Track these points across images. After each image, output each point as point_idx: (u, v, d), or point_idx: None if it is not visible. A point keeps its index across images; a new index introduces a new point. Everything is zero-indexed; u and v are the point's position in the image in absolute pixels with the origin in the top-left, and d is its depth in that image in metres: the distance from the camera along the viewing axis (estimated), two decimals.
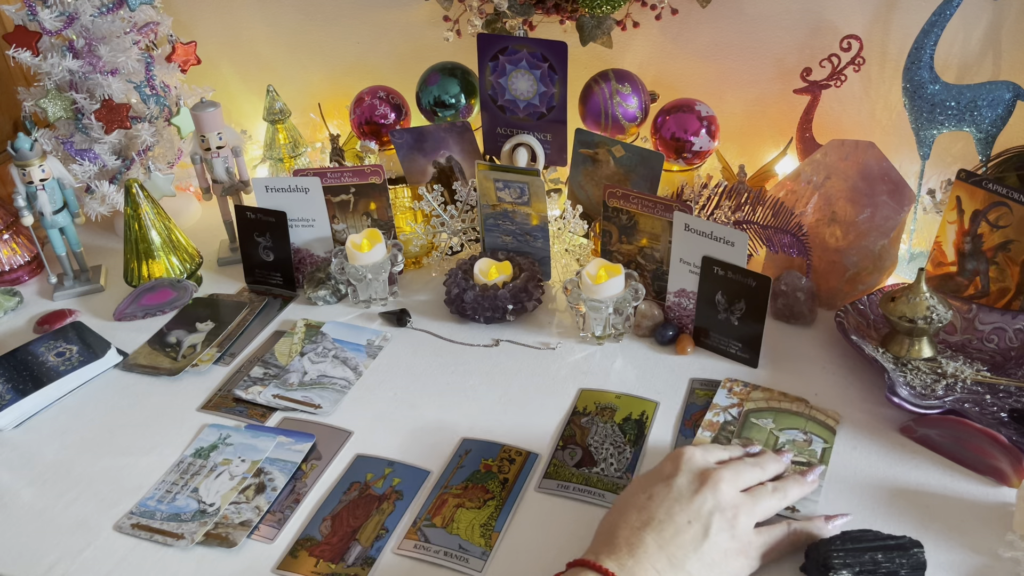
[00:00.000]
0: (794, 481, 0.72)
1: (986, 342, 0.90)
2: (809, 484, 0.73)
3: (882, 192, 0.96)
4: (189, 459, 0.83)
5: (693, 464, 0.68)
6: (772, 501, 0.68)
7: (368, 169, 1.07)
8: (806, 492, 0.72)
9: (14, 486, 0.82)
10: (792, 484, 0.71)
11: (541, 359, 0.95)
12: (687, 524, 0.63)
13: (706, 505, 0.64)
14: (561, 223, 1.07)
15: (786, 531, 0.68)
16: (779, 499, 0.69)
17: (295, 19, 1.32)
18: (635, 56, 1.21)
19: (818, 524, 0.70)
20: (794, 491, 0.71)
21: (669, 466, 0.68)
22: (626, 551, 0.62)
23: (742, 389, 0.88)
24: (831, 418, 0.83)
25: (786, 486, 0.70)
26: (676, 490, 0.65)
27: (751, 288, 0.88)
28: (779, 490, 0.69)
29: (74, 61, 1.10)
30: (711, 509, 0.64)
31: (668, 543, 0.62)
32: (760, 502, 0.67)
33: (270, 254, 1.09)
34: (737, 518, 0.65)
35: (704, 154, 1.13)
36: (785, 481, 0.71)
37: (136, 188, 1.07)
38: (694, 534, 0.63)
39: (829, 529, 0.70)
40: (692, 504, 0.64)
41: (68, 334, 1.00)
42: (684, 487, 0.66)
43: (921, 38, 0.95)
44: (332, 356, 0.97)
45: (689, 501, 0.64)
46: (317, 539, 0.74)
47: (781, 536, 0.68)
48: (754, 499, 0.67)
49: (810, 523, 0.70)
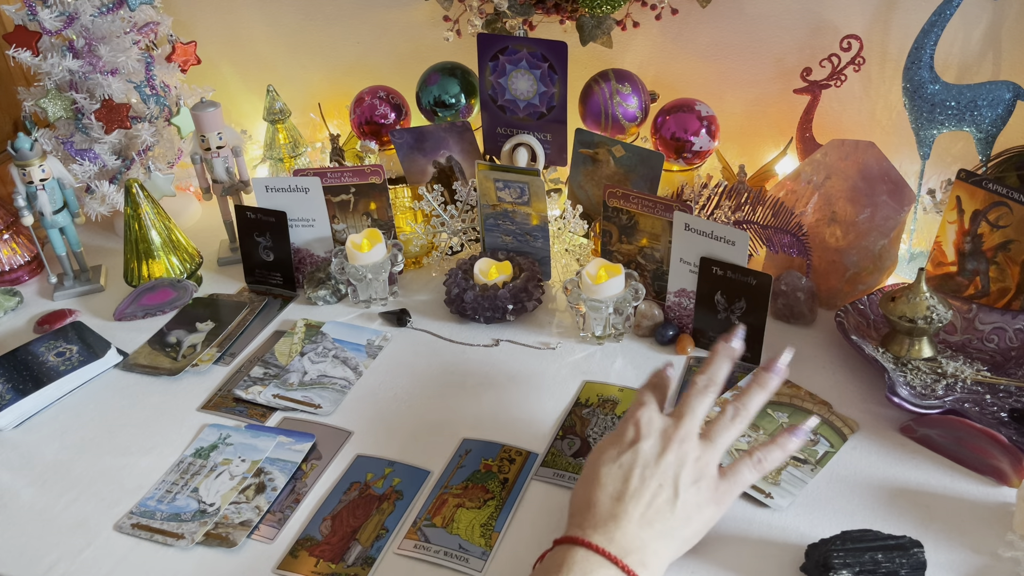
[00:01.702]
0: (754, 391, 0.71)
1: (986, 342, 0.90)
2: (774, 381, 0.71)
3: (882, 192, 0.96)
4: (189, 459, 0.83)
5: (653, 425, 0.68)
6: (733, 430, 0.69)
7: (368, 169, 1.07)
8: (770, 393, 0.71)
9: (14, 486, 0.82)
10: (752, 395, 0.70)
11: (541, 359, 0.95)
12: (659, 487, 0.65)
13: (672, 467, 0.66)
14: (561, 223, 1.07)
15: (749, 466, 0.68)
16: (740, 422, 0.69)
17: (295, 19, 1.32)
18: (635, 56, 1.21)
19: (781, 441, 0.69)
20: (755, 402, 0.70)
21: (632, 431, 0.68)
22: (612, 523, 0.63)
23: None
24: (848, 426, 0.83)
25: (746, 402, 0.70)
26: (643, 456, 0.66)
27: (751, 287, 0.88)
28: (738, 412, 0.69)
29: (74, 61, 1.10)
30: (676, 470, 0.66)
31: (647, 509, 0.64)
32: (719, 439, 0.68)
33: (270, 254, 1.09)
34: (703, 470, 0.66)
35: (704, 154, 1.13)
36: (744, 396, 0.70)
37: (136, 188, 1.07)
38: (667, 496, 0.65)
39: (794, 442, 0.69)
40: (659, 467, 0.66)
41: (68, 334, 1.00)
42: (649, 451, 0.67)
43: (921, 38, 0.96)
44: (332, 356, 0.97)
45: (656, 465, 0.66)
46: (317, 539, 0.74)
47: (744, 472, 0.68)
48: (713, 441, 0.68)
49: (773, 444, 0.69)
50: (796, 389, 0.87)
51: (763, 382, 0.71)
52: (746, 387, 0.71)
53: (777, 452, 0.69)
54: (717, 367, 0.72)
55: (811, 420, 0.72)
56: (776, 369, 0.72)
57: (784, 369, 0.72)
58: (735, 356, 0.73)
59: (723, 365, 0.72)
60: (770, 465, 0.69)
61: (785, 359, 0.72)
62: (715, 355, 0.73)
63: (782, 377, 0.72)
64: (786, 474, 0.77)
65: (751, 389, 0.71)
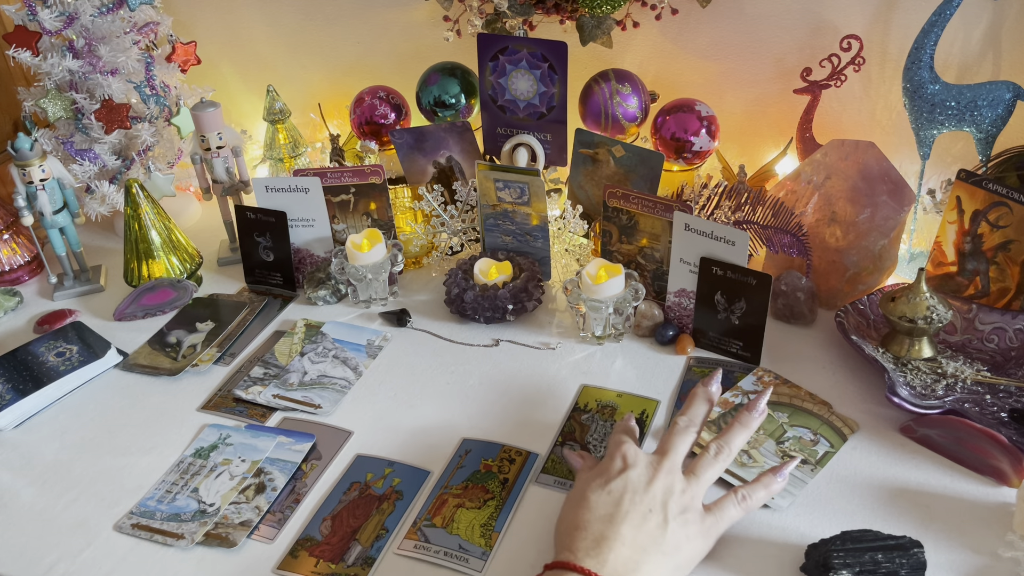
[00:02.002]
0: (736, 429, 0.72)
1: (986, 342, 0.90)
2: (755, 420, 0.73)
3: (882, 192, 0.96)
4: (189, 459, 0.83)
5: (639, 457, 0.70)
6: (716, 466, 0.71)
7: (368, 169, 1.07)
8: (751, 431, 0.73)
9: (14, 486, 0.82)
10: (734, 434, 0.72)
11: (541, 359, 0.95)
12: (649, 513, 0.65)
13: (660, 493, 0.67)
14: (561, 223, 1.07)
15: (735, 503, 0.69)
16: (723, 459, 0.71)
17: (295, 19, 1.32)
18: (635, 56, 1.21)
19: (765, 481, 0.71)
20: (737, 440, 0.72)
21: (619, 462, 0.70)
22: (604, 545, 0.63)
23: (771, 380, 0.89)
24: (848, 426, 0.83)
25: (728, 440, 0.72)
26: (632, 483, 0.67)
27: (751, 287, 0.88)
28: (721, 450, 0.71)
29: (74, 61, 1.10)
30: (664, 497, 0.67)
31: (638, 532, 0.64)
32: (703, 475, 0.70)
33: (270, 254, 1.09)
34: (688, 504, 0.67)
35: (704, 154, 1.13)
36: (726, 434, 0.72)
37: (136, 188, 1.07)
38: (657, 521, 0.65)
39: (777, 482, 0.71)
40: (648, 494, 0.66)
41: (68, 334, 1.00)
42: (637, 478, 0.68)
43: (921, 38, 0.96)
44: (332, 356, 0.97)
45: (645, 492, 0.67)
46: (317, 539, 0.74)
47: (729, 509, 0.69)
48: (698, 476, 0.69)
49: (757, 483, 0.71)
50: (796, 389, 0.88)
51: (745, 421, 0.73)
52: (728, 426, 0.73)
53: (761, 491, 0.71)
54: (696, 409, 0.74)
55: (793, 463, 0.73)
56: (758, 410, 0.74)
57: (765, 409, 0.74)
58: (713, 399, 0.75)
59: (702, 407, 0.75)
60: (755, 503, 0.70)
61: (765, 399, 0.74)
62: (694, 398, 0.75)
63: (763, 417, 0.74)
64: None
65: (733, 427, 0.73)
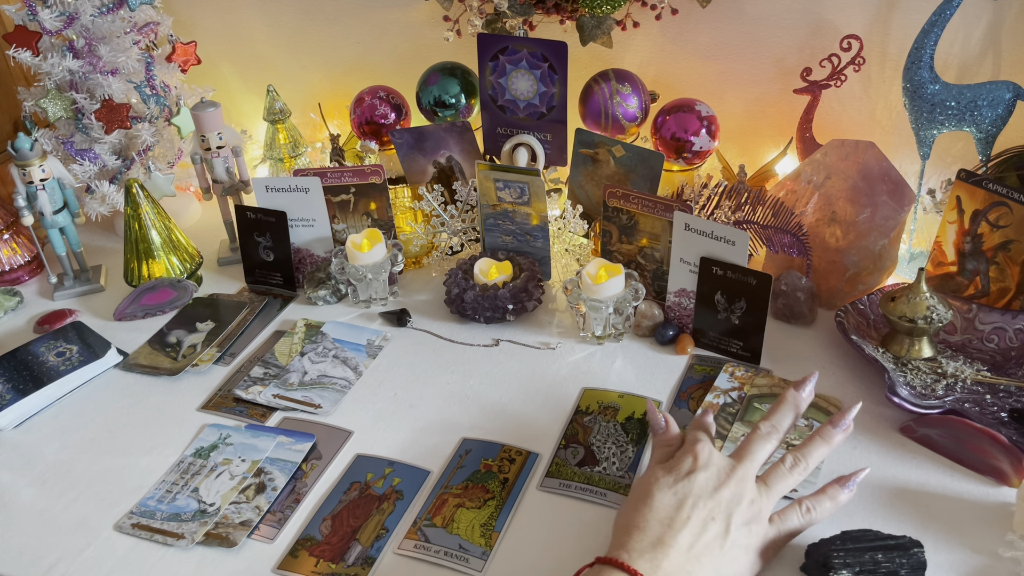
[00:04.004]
0: (816, 443, 0.70)
1: (986, 342, 0.90)
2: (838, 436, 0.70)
3: (882, 192, 0.96)
4: (189, 459, 0.83)
5: (713, 459, 0.67)
6: (790, 480, 0.68)
7: (368, 169, 1.07)
8: (833, 448, 0.70)
9: (14, 486, 0.82)
10: (813, 447, 0.70)
11: (541, 359, 0.95)
12: (712, 521, 0.63)
13: (727, 502, 0.65)
14: (561, 223, 1.07)
15: (799, 515, 0.68)
16: (799, 473, 0.69)
17: (295, 19, 1.32)
18: (635, 56, 1.21)
19: (831, 492, 0.69)
20: (816, 455, 0.69)
21: (690, 461, 0.67)
22: (660, 550, 0.62)
23: (744, 374, 0.89)
24: (833, 405, 0.84)
25: (806, 454, 0.69)
26: (699, 487, 0.65)
27: (751, 287, 0.88)
28: (798, 463, 0.69)
29: (74, 61, 1.10)
30: (731, 507, 0.64)
31: (696, 541, 0.62)
32: (776, 487, 0.68)
33: (270, 254, 1.09)
34: (756, 514, 0.65)
35: (704, 154, 1.13)
36: (805, 447, 0.70)
37: (136, 188, 1.07)
38: (718, 531, 0.63)
39: (845, 494, 0.69)
40: (714, 500, 0.64)
41: (68, 334, 1.00)
42: (705, 483, 0.65)
43: (921, 38, 0.96)
44: (332, 356, 0.97)
45: (711, 498, 0.65)
46: (317, 539, 0.74)
47: (794, 522, 0.68)
48: (770, 487, 0.67)
49: (823, 495, 0.69)
50: (772, 379, 0.89)
51: (827, 436, 0.70)
52: (808, 439, 0.71)
53: (828, 503, 0.69)
54: (782, 415, 0.71)
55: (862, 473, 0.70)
56: (842, 425, 0.71)
57: (851, 425, 0.71)
58: (800, 408, 0.72)
59: (788, 414, 0.71)
60: (820, 516, 0.68)
61: (851, 415, 0.71)
62: (781, 403, 0.72)
63: (847, 433, 0.71)
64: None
65: (814, 441, 0.70)
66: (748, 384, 0.88)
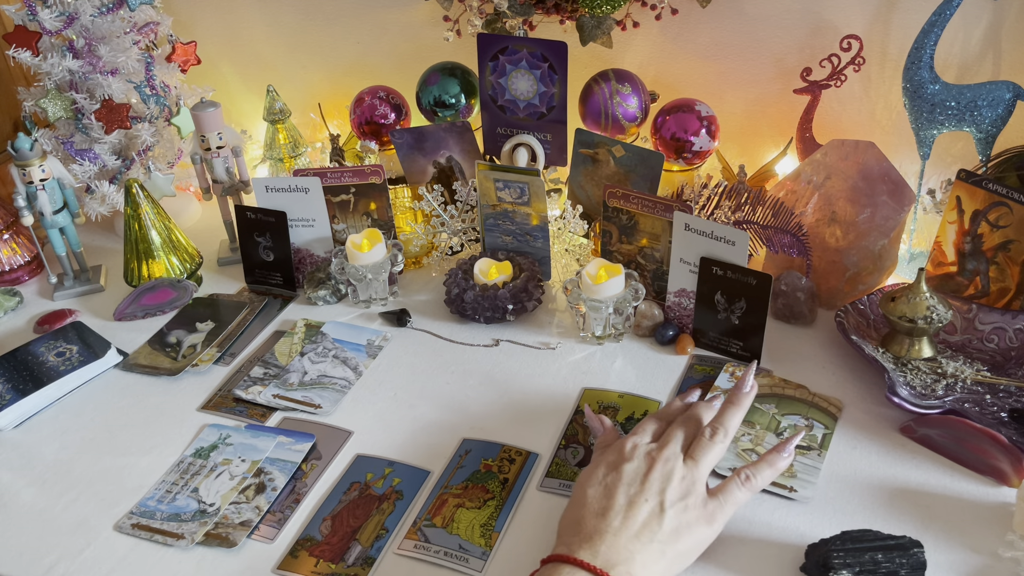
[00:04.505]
0: (730, 410, 0.72)
1: (986, 342, 0.90)
2: (747, 397, 0.73)
3: (882, 192, 0.96)
4: (189, 459, 0.83)
5: (637, 449, 0.70)
6: (714, 449, 0.70)
7: (368, 169, 1.07)
8: (744, 410, 0.73)
9: (14, 486, 0.82)
10: (728, 414, 0.72)
11: (541, 359, 0.95)
12: (645, 503, 0.65)
13: (656, 483, 0.67)
14: (561, 223, 1.07)
15: (739, 484, 0.69)
16: (720, 441, 0.70)
17: (295, 19, 1.32)
18: (635, 56, 1.21)
19: (770, 459, 0.70)
20: (732, 420, 0.72)
21: (613, 456, 0.70)
22: (597, 538, 0.64)
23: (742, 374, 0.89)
24: (833, 405, 0.85)
25: (723, 421, 0.71)
26: (627, 475, 0.68)
27: (751, 287, 0.89)
28: (716, 432, 0.70)
29: (74, 61, 1.10)
30: (661, 486, 0.67)
31: (632, 522, 0.64)
32: (702, 460, 0.69)
33: (270, 254, 1.09)
34: (689, 488, 0.67)
35: (704, 154, 1.13)
36: (720, 416, 0.72)
37: (136, 188, 1.07)
38: (652, 510, 0.65)
39: (783, 459, 0.70)
40: (645, 485, 0.67)
41: (68, 334, 1.00)
42: (633, 471, 0.68)
43: (921, 38, 0.96)
44: (332, 356, 0.97)
45: (642, 483, 0.67)
46: (317, 539, 0.74)
47: (734, 491, 0.69)
48: (697, 461, 0.69)
49: (761, 462, 0.70)
50: (772, 378, 0.89)
51: (736, 400, 0.73)
52: (721, 407, 0.73)
53: (767, 470, 0.70)
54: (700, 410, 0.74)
55: (797, 437, 0.72)
56: (746, 387, 0.74)
57: (754, 384, 0.74)
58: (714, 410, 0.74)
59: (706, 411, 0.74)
60: (760, 483, 0.70)
61: (751, 375, 0.74)
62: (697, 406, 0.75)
63: (753, 393, 0.74)
64: (798, 464, 0.78)
65: (726, 408, 0.73)
66: None
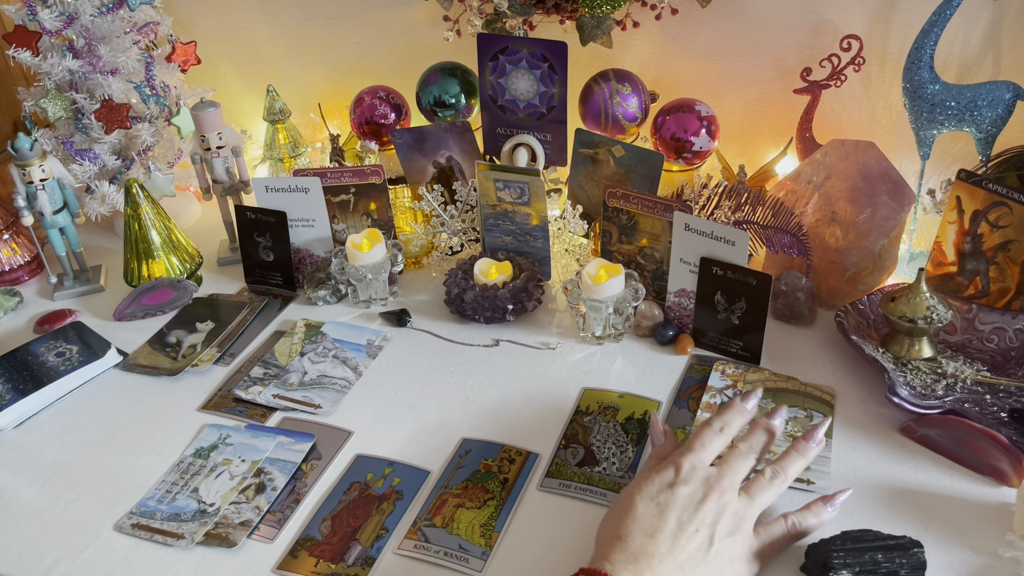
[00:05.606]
0: (793, 456, 0.72)
1: (986, 342, 0.90)
2: (812, 449, 0.73)
3: (882, 192, 0.96)
4: (189, 459, 0.83)
5: (695, 472, 0.68)
6: (771, 491, 0.69)
7: (368, 169, 1.07)
8: (808, 460, 0.72)
9: (14, 486, 0.82)
10: (791, 461, 0.71)
11: (541, 359, 0.95)
12: (695, 532, 0.64)
13: (710, 515, 0.65)
14: (561, 223, 1.07)
15: (784, 529, 0.69)
16: (779, 484, 0.70)
17: (295, 19, 1.32)
18: (635, 56, 1.21)
19: (816, 510, 0.70)
20: (793, 467, 0.71)
21: (671, 473, 0.68)
22: (643, 560, 0.62)
23: (735, 371, 0.90)
24: (827, 393, 0.85)
25: (784, 466, 0.71)
26: (682, 499, 0.66)
27: (751, 287, 0.88)
28: (777, 475, 0.70)
29: (74, 61, 1.10)
30: (715, 518, 0.65)
31: (680, 552, 0.63)
32: (757, 498, 0.68)
33: (270, 254, 1.09)
34: (739, 524, 0.66)
35: (704, 154, 1.13)
36: (783, 460, 0.71)
37: (136, 188, 1.07)
38: (701, 542, 0.64)
39: (828, 512, 0.70)
40: (698, 513, 0.65)
41: (68, 334, 1.00)
42: (688, 496, 0.66)
43: (921, 38, 0.95)
44: (332, 356, 0.97)
45: (695, 510, 0.65)
46: (317, 539, 0.74)
47: (779, 535, 0.68)
48: (751, 498, 0.68)
49: (808, 511, 0.70)
50: (761, 372, 0.90)
51: (802, 450, 0.72)
52: (785, 452, 0.72)
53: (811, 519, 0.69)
54: (757, 438, 0.73)
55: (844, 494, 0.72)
56: (815, 439, 0.73)
57: (823, 440, 0.73)
58: (775, 432, 0.74)
59: (762, 436, 0.73)
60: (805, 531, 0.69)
61: (823, 429, 0.73)
62: (755, 427, 0.74)
63: (821, 446, 0.73)
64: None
65: (790, 455, 0.72)
66: (740, 381, 0.89)
